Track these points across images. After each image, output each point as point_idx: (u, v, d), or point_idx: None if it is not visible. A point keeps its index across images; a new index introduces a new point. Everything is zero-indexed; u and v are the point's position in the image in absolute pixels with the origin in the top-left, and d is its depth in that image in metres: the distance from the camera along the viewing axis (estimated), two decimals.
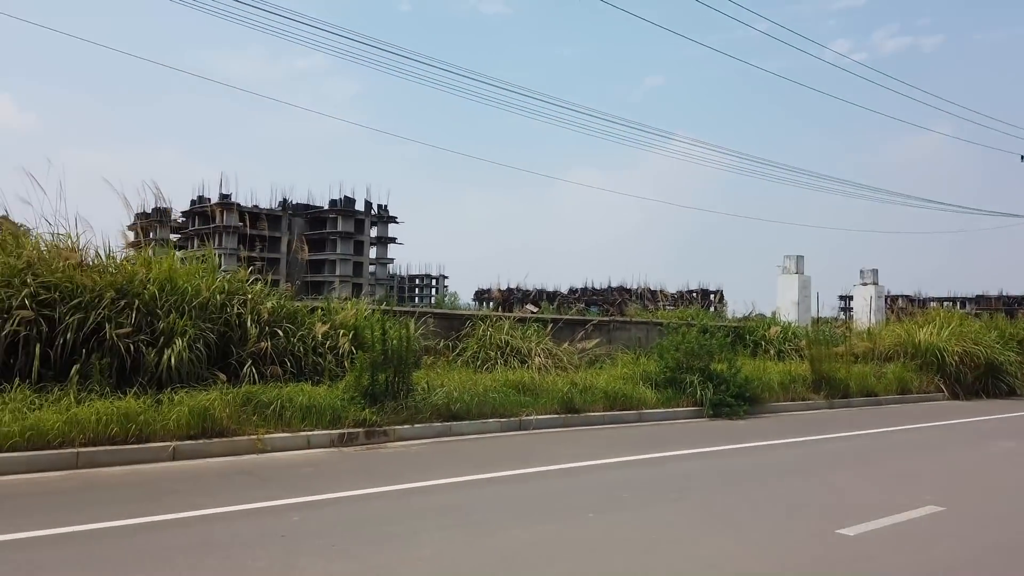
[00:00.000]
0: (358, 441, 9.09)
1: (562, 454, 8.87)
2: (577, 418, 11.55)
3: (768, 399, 14.58)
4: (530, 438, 10.20)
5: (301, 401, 9.13)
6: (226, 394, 8.73)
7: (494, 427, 10.52)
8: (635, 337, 17.61)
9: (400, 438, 9.46)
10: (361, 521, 5.62)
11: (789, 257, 26.97)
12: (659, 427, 11.86)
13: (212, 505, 5.88)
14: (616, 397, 12.40)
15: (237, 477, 7.04)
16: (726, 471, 8.42)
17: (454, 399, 10.42)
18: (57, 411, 7.42)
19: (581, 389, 12.29)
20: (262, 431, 8.48)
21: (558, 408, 11.54)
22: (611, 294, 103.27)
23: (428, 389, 10.55)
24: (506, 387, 11.75)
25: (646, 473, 8.07)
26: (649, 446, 9.77)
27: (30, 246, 8.95)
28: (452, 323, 14.60)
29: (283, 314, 11.21)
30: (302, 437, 8.70)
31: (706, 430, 11.81)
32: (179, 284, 9.72)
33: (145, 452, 7.58)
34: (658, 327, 18.26)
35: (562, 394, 11.76)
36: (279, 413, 8.86)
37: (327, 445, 8.81)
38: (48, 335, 8.40)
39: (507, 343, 14.15)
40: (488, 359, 13.72)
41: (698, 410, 13.25)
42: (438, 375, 11.77)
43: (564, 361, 14.35)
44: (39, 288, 8.57)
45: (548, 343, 14.75)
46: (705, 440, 10.49)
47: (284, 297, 11.80)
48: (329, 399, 9.40)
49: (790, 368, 16.47)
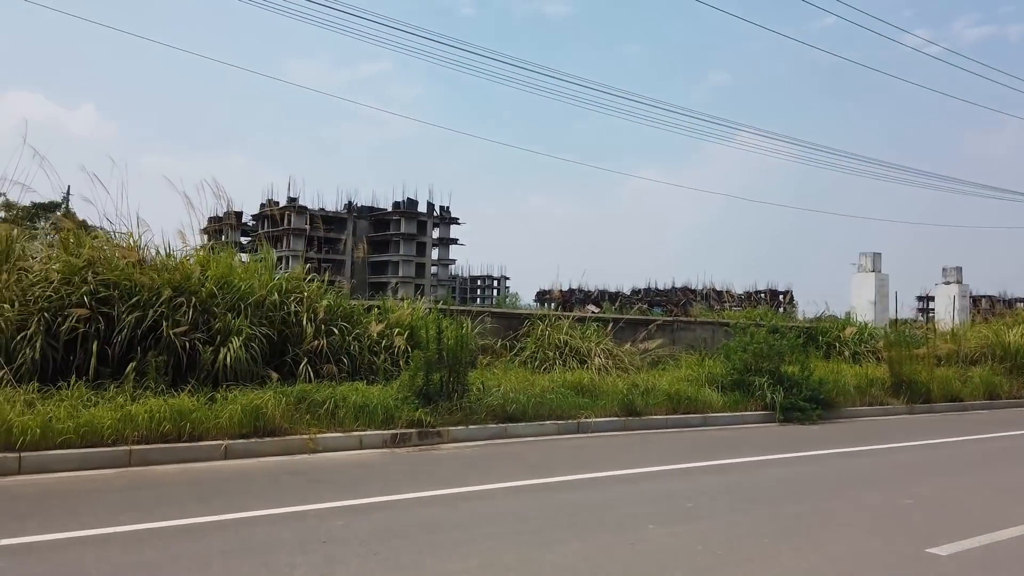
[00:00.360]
0: (411, 442, 8.87)
1: (621, 459, 8.45)
2: (638, 421, 11.09)
3: (843, 403, 13.80)
4: (588, 441, 9.81)
5: (354, 400, 8.98)
6: (279, 393, 8.64)
7: (551, 429, 10.17)
8: (700, 338, 16.97)
9: (454, 440, 9.20)
10: (407, 528, 5.36)
11: (865, 254, 25.70)
12: (725, 432, 11.29)
13: (257, 507, 5.71)
14: (679, 400, 11.88)
15: (286, 478, 6.88)
16: (798, 480, 7.85)
17: (510, 400, 10.12)
18: (112, 408, 7.42)
19: (642, 391, 11.83)
20: (314, 431, 8.34)
21: (618, 410, 11.11)
22: (675, 294, 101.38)
23: (483, 390, 10.27)
24: (564, 388, 11.39)
25: (711, 481, 7.59)
26: (714, 452, 9.25)
27: (90, 244, 9.03)
28: (510, 322, 14.31)
29: (339, 313, 11.13)
30: (354, 437, 8.53)
31: (776, 435, 11.19)
32: (235, 283, 9.70)
33: (197, 451, 7.52)
34: (724, 328, 17.58)
35: (622, 396, 11.33)
36: (332, 412, 8.72)
37: (379, 446, 8.62)
38: (106, 332, 8.46)
39: (566, 343, 13.77)
40: (546, 359, 13.36)
41: (767, 414, 12.60)
42: (494, 375, 11.50)
43: (625, 362, 13.88)
44: (99, 286, 8.65)
45: (608, 343, 14.30)
46: (775, 446, 9.89)
47: (340, 296, 11.73)
48: (382, 399, 9.21)
49: (867, 371, 15.59)
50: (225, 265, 9.97)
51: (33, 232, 10.14)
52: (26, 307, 8.20)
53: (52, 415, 7.08)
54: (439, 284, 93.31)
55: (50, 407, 7.22)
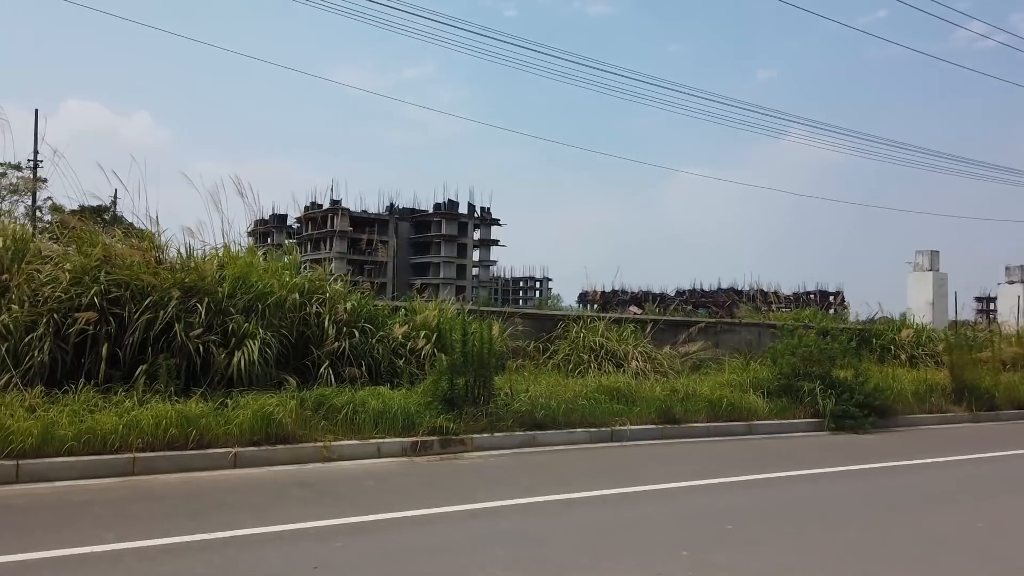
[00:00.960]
0: (432, 450, 8.38)
1: (656, 472, 7.83)
2: (676, 429, 10.42)
3: (900, 410, 12.89)
4: (622, 451, 9.19)
5: (373, 406, 8.53)
6: (295, 398, 8.25)
7: (582, 437, 9.58)
8: (745, 340, 16.15)
9: (478, 448, 8.69)
10: (412, 550, 4.85)
11: (921, 252, 24.40)
12: (771, 441, 10.55)
13: (254, 524, 5.28)
14: (722, 406, 11.17)
15: (293, 490, 6.45)
16: (852, 498, 7.13)
17: (538, 406, 9.56)
18: (116, 414, 7.09)
19: (682, 396, 11.15)
20: (330, 438, 7.91)
21: (655, 417, 10.46)
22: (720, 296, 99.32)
23: (511, 395, 9.74)
24: (598, 393, 10.78)
25: (756, 498, 6.92)
26: (759, 464, 8.56)
27: (103, 243, 8.77)
28: (543, 324, 13.73)
29: (363, 314, 10.72)
30: (372, 445, 8.08)
31: (827, 446, 10.41)
32: (253, 282, 9.35)
33: (205, 459, 7.14)
34: (771, 330, 16.73)
35: (660, 402, 10.67)
36: (350, 419, 8.29)
37: (398, 454, 8.15)
38: (118, 334, 8.17)
39: (601, 345, 13.14)
40: (580, 362, 12.75)
41: (817, 422, 11.79)
42: (524, 379, 10.94)
43: (664, 365, 13.20)
44: (110, 286, 8.36)
45: (646, 346, 13.63)
46: (826, 458, 9.14)
47: (365, 297, 11.33)
48: (404, 404, 8.75)
49: (925, 376, 14.60)
50: (243, 265, 9.62)
51: (57, 232, 9.93)
52: (36, 308, 7.95)
53: (54, 421, 6.78)
54: (480, 285, 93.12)
55: (53, 412, 6.92)
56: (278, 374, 8.98)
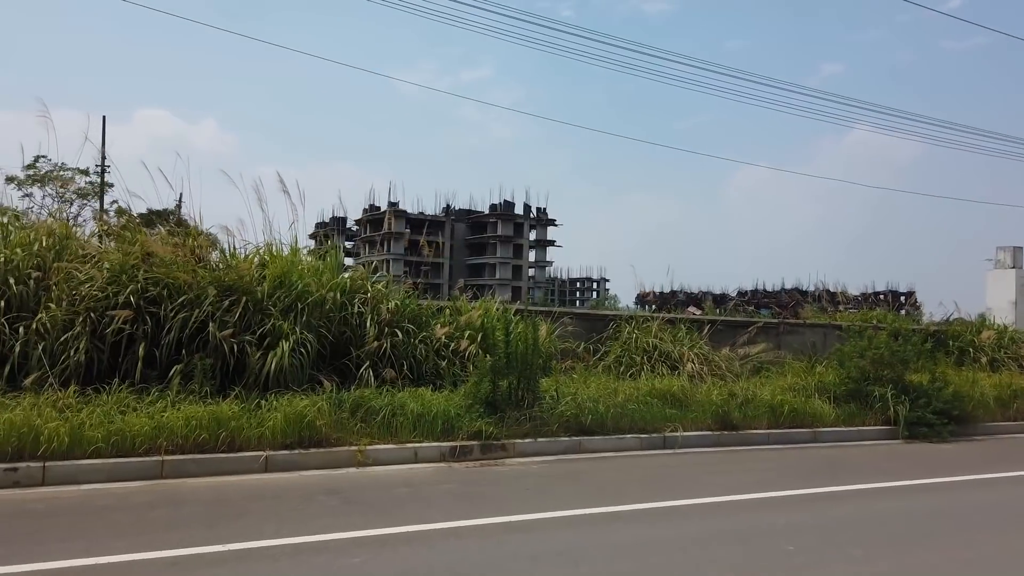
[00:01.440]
0: (472, 456, 7.99)
1: (711, 483, 7.26)
2: (734, 436, 9.78)
3: (981, 418, 11.94)
4: (674, 459, 8.63)
5: (412, 409, 8.19)
6: (332, 400, 7.98)
7: (632, 444, 9.05)
8: (809, 342, 15.30)
9: (520, 454, 8.26)
10: (435, 569, 4.45)
11: (1003, 248, 22.84)
12: (839, 450, 9.80)
13: (272, 535, 4.97)
14: (784, 412, 10.47)
15: (321, 498, 6.14)
16: (931, 516, 6.43)
17: (585, 410, 9.07)
18: (148, 415, 6.92)
19: (740, 401, 10.49)
20: (365, 442, 7.60)
21: (711, 423, 9.84)
22: (783, 296, 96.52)
23: (557, 398, 9.28)
24: (650, 397, 10.23)
25: (821, 516, 6.29)
26: (826, 476, 7.88)
27: (143, 240, 8.67)
28: (593, 325, 13.22)
29: (406, 314, 10.42)
30: (409, 450, 7.74)
31: (901, 456, 9.61)
32: (293, 281, 9.14)
33: (236, 462, 6.91)
34: (837, 331, 15.82)
35: (716, 407, 10.04)
36: (387, 422, 7.97)
37: (436, 459, 7.79)
38: (154, 333, 8.04)
39: (655, 347, 12.55)
40: (632, 365, 12.20)
41: (888, 430, 10.97)
42: (573, 382, 10.47)
43: (722, 368, 12.53)
44: (148, 284, 8.25)
45: (703, 347, 12.98)
46: (900, 470, 8.39)
47: (409, 296, 11.04)
48: (444, 407, 8.39)
49: (1009, 380, 13.52)
50: (284, 264, 9.43)
51: (100, 231, 9.94)
52: (73, 307, 7.88)
53: (84, 422, 6.63)
54: (536, 286, 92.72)
55: (84, 413, 6.78)
56: (316, 375, 8.75)
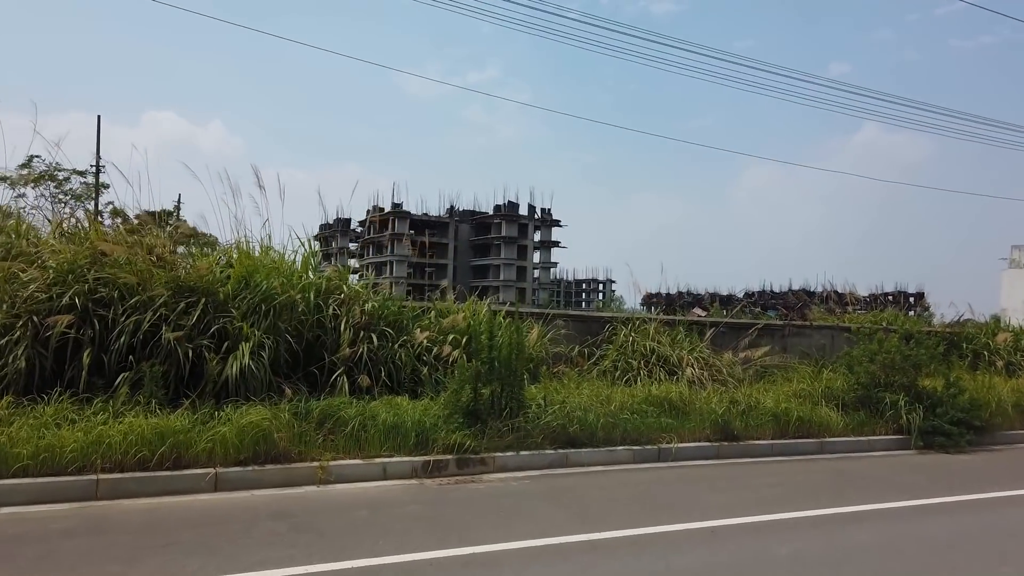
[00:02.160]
0: (447, 471, 7.33)
1: (707, 503, 6.58)
2: (735, 447, 9.10)
3: (999, 426, 11.22)
4: (669, 474, 7.95)
5: (384, 419, 7.54)
6: (295, 410, 7.34)
7: (624, 457, 8.37)
8: (817, 345, 14.59)
9: (501, 468, 7.60)
10: None
11: (1019, 247, 22.01)
12: (848, 462, 9.10)
13: (195, 572, 4.31)
14: (789, 420, 9.78)
15: (267, 523, 5.48)
16: (962, 542, 5.73)
17: (573, 420, 8.40)
18: (84, 429, 6.28)
19: (743, 409, 9.81)
20: (328, 457, 6.95)
21: (710, 434, 9.16)
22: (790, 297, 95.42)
23: (544, 406, 8.61)
24: (646, 404, 9.56)
25: (829, 544, 5.60)
26: (834, 493, 7.19)
27: (95, 237, 8.05)
28: (589, 327, 12.55)
29: (385, 317, 9.77)
30: (377, 466, 7.08)
31: (916, 468, 8.90)
32: (258, 281, 8.50)
33: (181, 481, 6.26)
34: (845, 333, 15.12)
35: (716, 415, 9.36)
36: (355, 434, 7.31)
37: (407, 476, 7.13)
38: (103, 338, 7.41)
39: (652, 350, 11.86)
40: (629, 369, 11.50)
41: (901, 439, 10.27)
42: (564, 388, 9.80)
43: (723, 373, 11.83)
44: (98, 285, 7.62)
45: (704, 351, 12.29)
46: (917, 485, 7.70)
47: (390, 298, 10.40)
48: (419, 417, 7.73)
49: None
50: (251, 263, 8.79)
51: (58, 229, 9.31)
52: (14, 309, 7.26)
53: (14, 436, 6.00)
54: (541, 287, 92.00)
55: (15, 426, 6.15)
56: (282, 383, 8.11)
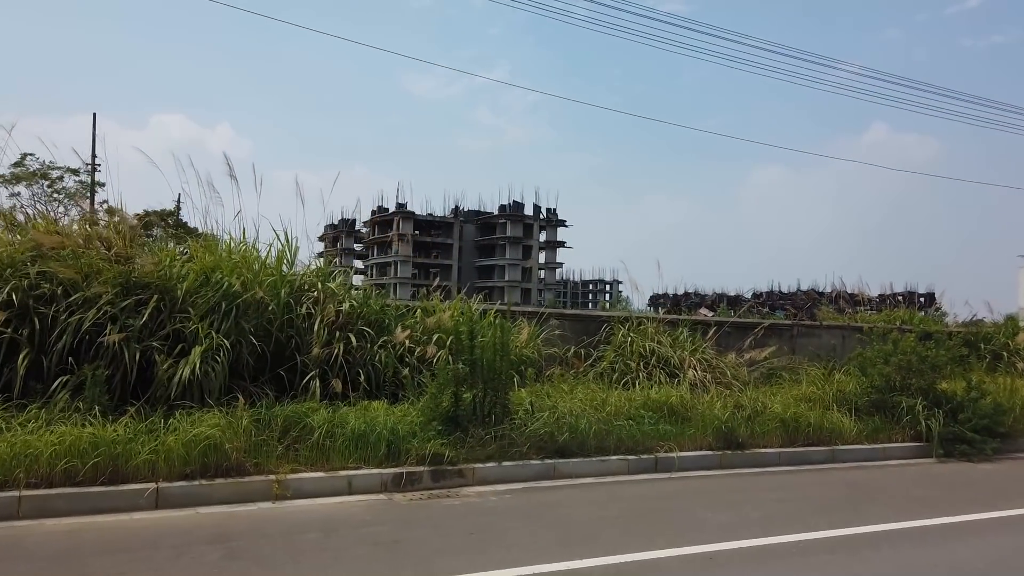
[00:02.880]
0: (420, 484, 6.65)
1: (706, 522, 5.88)
2: (740, 456, 8.39)
3: (1021, 431, 10.46)
4: (667, 486, 7.25)
5: (353, 427, 6.87)
6: (256, 417, 6.68)
7: (618, 467, 7.68)
8: (827, 346, 13.86)
9: (481, 481, 6.91)
10: None
11: None
12: (863, 472, 8.38)
13: None
14: (798, 427, 9.06)
15: (201, 548, 4.81)
16: (1002, 569, 5.00)
17: (563, 426, 7.71)
18: (8, 440, 5.63)
19: (748, 414, 9.11)
20: (286, 469, 6.27)
21: (712, 441, 8.46)
22: (799, 297, 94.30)
23: (531, 412, 7.93)
24: (644, 409, 8.89)
25: (849, 572, 4.89)
26: (851, 510, 6.47)
27: (40, 228, 7.41)
28: (586, 326, 11.86)
29: (364, 315, 9.12)
30: (341, 479, 6.40)
31: (937, 480, 8.17)
32: (218, 279, 7.84)
33: (116, 497, 5.60)
34: (857, 333, 14.40)
35: (719, 422, 8.65)
36: (320, 444, 6.64)
37: (376, 490, 6.45)
38: (42, 339, 6.76)
39: (652, 351, 11.16)
40: (627, 372, 10.82)
41: (919, 447, 9.54)
42: (556, 392, 9.13)
43: (728, 376, 11.12)
44: (40, 280, 6.98)
45: (707, 352, 11.60)
46: (941, 500, 6.98)
47: (371, 296, 9.75)
48: (393, 424, 7.06)
49: None
50: (211, 258, 8.14)
51: None
52: None
53: None
54: (546, 288, 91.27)
55: None
56: (248, 386, 7.47)
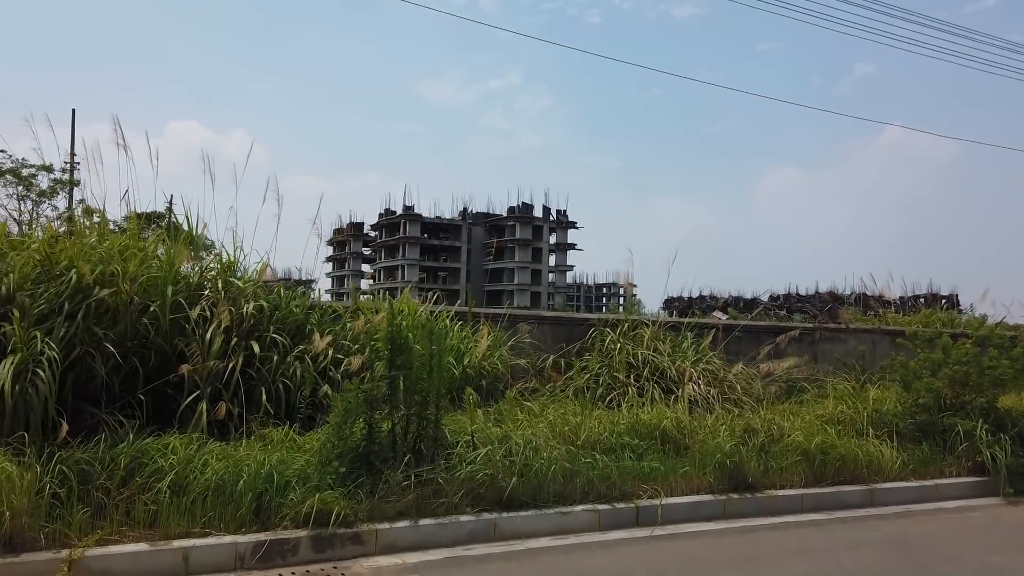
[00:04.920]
0: (295, 556, 4.74)
1: None
2: (750, 502, 6.42)
3: None
4: (647, 552, 5.29)
5: (212, 474, 4.99)
6: (69, 461, 4.82)
7: (584, 523, 5.72)
8: (855, 352, 11.81)
9: (388, 547, 4.99)
10: None
11: None
12: (913, 523, 6.38)
13: None
14: (826, 459, 7.10)
15: None
16: None
17: (511, 466, 5.78)
18: None
19: (761, 443, 7.14)
20: (91, 540, 4.40)
21: (714, 481, 6.49)
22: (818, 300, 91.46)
23: (474, 445, 6.02)
24: (630, 436, 6.98)
25: None
26: None
27: None
28: (569, 331, 9.92)
29: (280, 319, 7.27)
30: (172, 552, 4.50)
31: (1016, 534, 6.15)
32: (61, 270, 6.01)
33: None
34: (889, 337, 12.32)
35: (723, 454, 6.67)
36: (160, 499, 4.76)
37: (227, 567, 4.56)
38: None
39: (645, 361, 9.19)
40: (614, 386, 8.86)
41: (981, 483, 7.57)
42: (521, 414, 7.22)
43: (738, 391, 9.10)
44: None
45: (713, 361, 9.59)
46: None
47: (295, 295, 7.86)
48: (272, 467, 5.17)
49: None
50: (63, 245, 6.32)
51: None
52: None
53: None
54: (557, 291, 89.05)
55: None
56: (98, 413, 5.63)
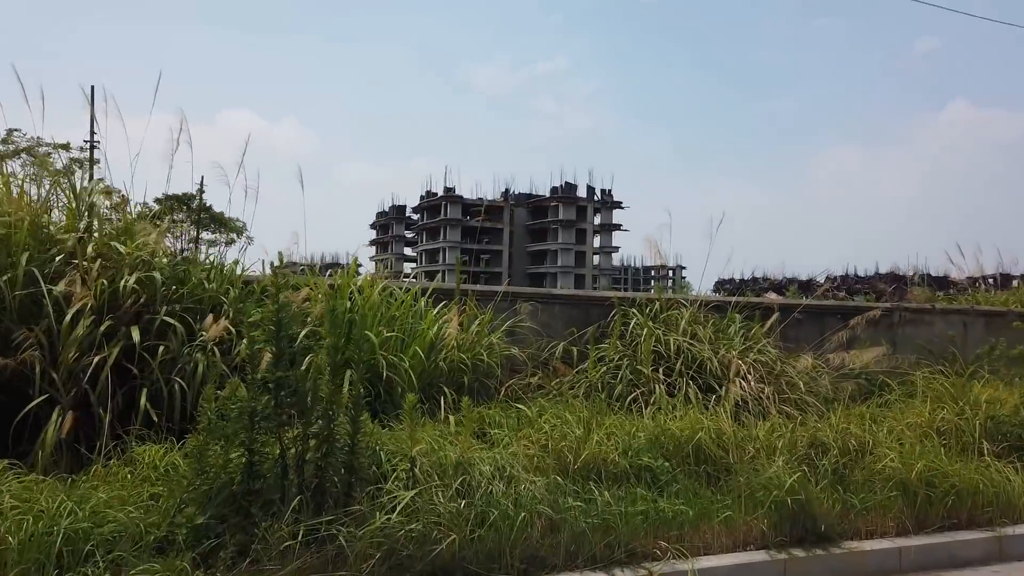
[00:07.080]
0: None
1: None
2: (822, 561, 4.35)
3: None
4: None
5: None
6: None
7: None
8: (943, 337, 9.51)
9: None
10: None
11: None
12: None
13: None
14: (933, 494, 4.96)
15: None
16: None
17: (452, 515, 3.83)
18: None
19: (834, 466, 5.05)
20: None
21: (768, 528, 4.44)
22: (879, 281, 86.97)
23: (413, 478, 4.10)
24: (650, 455, 4.98)
25: None
26: None
27: None
28: (587, 313, 7.92)
29: (183, 296, 5.52)
30: None
31: None
32: None
33: None
34: (984, 319, 10.05)
35: (780, 489, 4.60)
36: None
37: None
38: None
39: (679, 350, 7.11)
40: (638, 382, 6.81)
41: None
42: (504, 422, 5.31)
43: (800, 389, 6.96)
44: None
45: (767, 351, 7.45)
46: None
47: (196, 263, 6.03)
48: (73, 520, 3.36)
49: None
50: None
51: None
52: None
53: None
54: (602, 273, 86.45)
55: None
56: None
